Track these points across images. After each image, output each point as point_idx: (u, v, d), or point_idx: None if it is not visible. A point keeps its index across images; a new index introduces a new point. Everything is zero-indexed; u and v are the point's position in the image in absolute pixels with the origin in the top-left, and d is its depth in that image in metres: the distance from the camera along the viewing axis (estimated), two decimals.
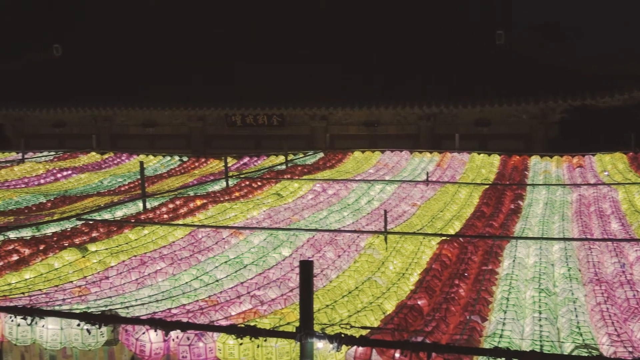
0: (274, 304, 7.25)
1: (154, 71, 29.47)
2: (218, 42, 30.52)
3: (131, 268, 8.58)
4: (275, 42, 29.86)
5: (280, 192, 13.98)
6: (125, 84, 29.10)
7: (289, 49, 29.24)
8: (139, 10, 33.61)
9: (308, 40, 29.46)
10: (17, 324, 6.11)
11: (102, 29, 33.38)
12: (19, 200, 14.57)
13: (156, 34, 31.77)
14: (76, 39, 33.03)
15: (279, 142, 24.62)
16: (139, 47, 31.09)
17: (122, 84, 29.17)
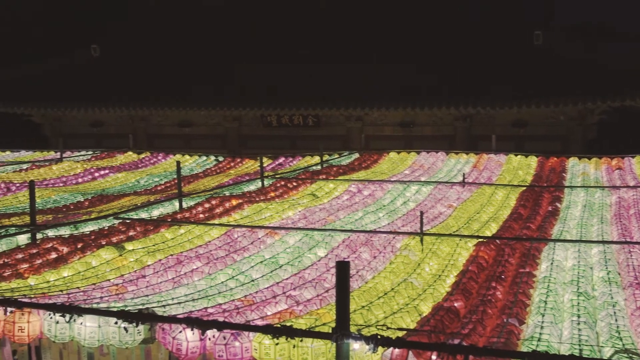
0: (309, 305, 7.24)
1: (191, 71, 29.65)
2: (254, 42, 30.62)
3: (167, 267, 8.63)
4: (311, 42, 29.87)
5: (316, 192, 13.97)
6: (162, 84, 29.31)
7: (325, 48, 29.23)
8: (176, 11, 33.85)
9: (344, 40, 29.44)
10: (56, 321, 6.17)
11: (139, 29, 33.67)
12: (57, 198, 14.74)
13: (193, 33, 31.97)
14: (114, 40, 33.36)
15: (314, 143, 24.62)
16: (176, 47, 31.31)
17: (159, 84, 29.38)
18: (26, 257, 8.95)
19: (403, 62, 27.52)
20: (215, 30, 31.87)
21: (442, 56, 27.54)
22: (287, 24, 31.35)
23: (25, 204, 14.05)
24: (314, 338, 5.64)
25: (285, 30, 31.04)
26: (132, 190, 16.26)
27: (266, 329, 5.71)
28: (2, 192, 15.39)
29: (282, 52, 29.62)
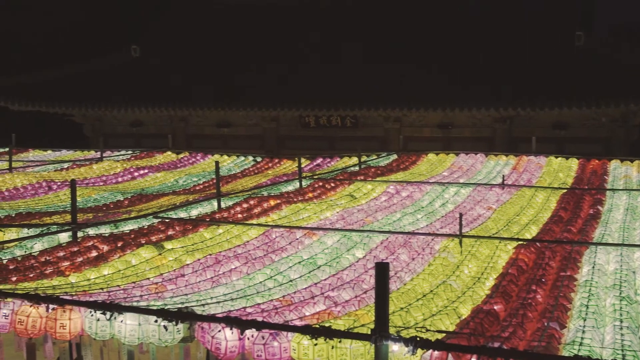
0: (347, 306, 7.22)
1: (229, 71, 29.80)
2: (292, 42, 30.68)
3: (206, 266, 8.67)
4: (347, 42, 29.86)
5: (354, 193, 13.95)
6: (201, 84, 29.51)
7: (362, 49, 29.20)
8: (215, 11, 34.04)
9: (380, 41, 29.38)
10: (97, 319, 6.22)
11: (179, 29, 33.94)
12: (97, 197, 14.89)
13: (231, 34, 32.13)
14: (154, 40, 33.66)
15: (352, 144, 24.68)
16: (214, 47, 31.49)
17: (198, 83, 29.58)
18: (67, 255, 9.06)
19: (442, 62, 27.40)
20: (254, 30, 32.00)
21: (482, 57, 27.35)
22: (328, 24, 31.38)
23: (66, 203, 14.23)
24: (353, 339, 5.62)
25: (324, 30, 31.06)
26: (171, 189, 16.37)
27: (305, 329, 5.70)
28: (44, 191, 15.60)
29: (321, 52, 29.65)
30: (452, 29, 29.22)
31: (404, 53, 28.31)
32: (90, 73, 31.93)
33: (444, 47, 28.30)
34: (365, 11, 31.61)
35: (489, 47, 27.79)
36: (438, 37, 28.91)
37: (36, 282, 7.77)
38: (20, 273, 8.14)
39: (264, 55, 30.21)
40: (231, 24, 32.85)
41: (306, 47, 30.23)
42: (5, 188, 15.68)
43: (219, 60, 30.62)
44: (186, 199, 13.99)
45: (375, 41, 29.48)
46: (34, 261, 8.72)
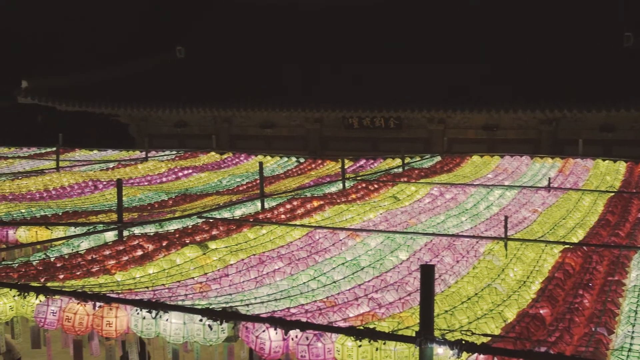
0: (391, 308, 7.18)
1: (272, 72, 29.91)
2: (334, 42, 30.70)
3: (250, 266, 8.69)
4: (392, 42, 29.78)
5: (397, 195, 13.89)
6: (245, 84, 29.66)
7: (406, 49, 29.08)
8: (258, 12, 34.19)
9: (425, 41, 29.24)
10: (143, 317, 6.27)
11: (223, 30, 34.16)
12: (142, 197, 15.04)
13: (275, 34, 32.25)
14: (198, 41, 33.94)
15: (395, 145, 24.56)
16: (259, 48, 31.63)
17: (242, 85, 29.74)
18: (113, 253, 9.16)
19: (487, 63, 27.16)
20: (297, 30, 32.08)
21: (528, 57, 27.07)
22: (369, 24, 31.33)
23: (111, 202, 14.40)
24: (398, 341, 5.59)
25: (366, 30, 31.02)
26: (215, 190, 16.46)
27: (349, 331, 5.69)
28: (90, 190, 15.80)
29: (365, 52, 29.60)
30: (497, 29, 28.96)
31: (450, 53, 28.14)
32: (135, 74, 32.30)
33: (489, 47, 28.05)
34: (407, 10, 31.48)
35: (535, 48, 27.48)
36: (483, 37, 28.67)
37: (83, 280, 7.86)
38: (67, 271, 8.24)
39: (307, 56, 30.26)
40: (275, 24, 32.97)
41: (349, 47, 30.20)
42: (53, 187, 15.92)
43: (263, 61, 30.75)
44: (230, 199, 14.05)
45: (417, 41, 29.34)
46: (80, 259, 8.83)
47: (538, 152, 22.47)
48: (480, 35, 28.87)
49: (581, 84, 25.28)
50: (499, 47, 28.01)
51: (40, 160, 21.15)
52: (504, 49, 27.83)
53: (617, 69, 25.42)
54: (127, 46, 40.43)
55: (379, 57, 29.17)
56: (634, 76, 24.72)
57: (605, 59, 26.10)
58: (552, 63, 26.57)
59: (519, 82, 26.09)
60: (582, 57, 26.36)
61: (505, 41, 28.22)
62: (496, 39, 28.48)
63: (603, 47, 26.62)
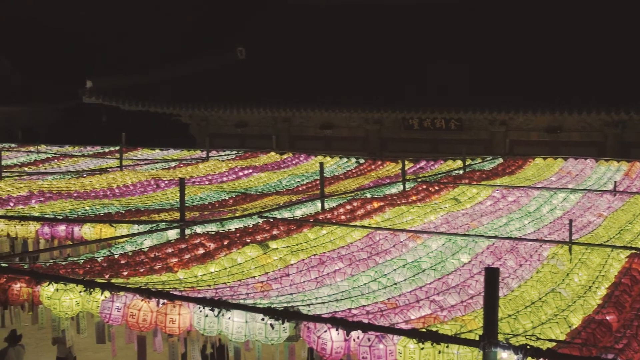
0: (453, 311, 7.11)
1: (333, 73, 29.91)
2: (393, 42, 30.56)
3: (310, 267, 8.70)
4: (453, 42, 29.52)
5: (458, 197, 13.77)
6: (305, 85, 29.72)
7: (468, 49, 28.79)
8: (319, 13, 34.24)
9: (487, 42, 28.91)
10: (205, 315, 6.32)
11: (283, 31, 34.30)
12: (203, 196, 15.20)
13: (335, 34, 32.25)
14: (259, 41, 34.13)
15: (456, 147, 24.34)
16: (319, 49, 31.67)
17: (302, 85, 29.81)
18: (175, 251, 9.26)
19: (550, 63, 26.72)
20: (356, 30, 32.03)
21: (593, 58, 26.53)
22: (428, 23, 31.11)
23: (173, 201, 14.57)
24: (461, 345, 5.52)
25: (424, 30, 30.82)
26: (275, 190, 16.54)
27: (412, 333, 5.64)
28: (152, 189, 16.03)
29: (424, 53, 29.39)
30: (560, 29, 28.48)
31: (512, 53, 27.76)
32: (197, 74, 32.64)
33: (553, 47, 27.60)
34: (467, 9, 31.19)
35: (599, 48, 26.93)
36: (546, 37, 28.23)
37: (146, 277, 7.96)
38: (131, 268, 8.36)
39: (366, 57, 30.19)
40: (336, 25, 32.97)
41: (408, 47, 30.04)
42: (116, 185, 16.20)
43: (323, 62, 30.77)
44: (290, 200, 14.10)
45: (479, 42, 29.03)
46: (144, 257, 8.95)
47: (603, 155, 22.06)
48: (542, 35, 28.42)
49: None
50: (563, 46, 27.52)
51: (104, 159, 21.54)
52: (568, 48, 27.33)
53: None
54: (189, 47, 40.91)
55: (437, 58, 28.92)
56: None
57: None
58: (618, 63, 26.00)
59: (584, 83, 25.56)
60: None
61: (569, 41, 27.72)
62: (560, 39, 28.00)
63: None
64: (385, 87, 28.18)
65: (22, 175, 17.61)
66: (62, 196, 14.61)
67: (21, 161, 21.70)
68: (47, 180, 16.38)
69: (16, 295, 7.33)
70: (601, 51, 26.79)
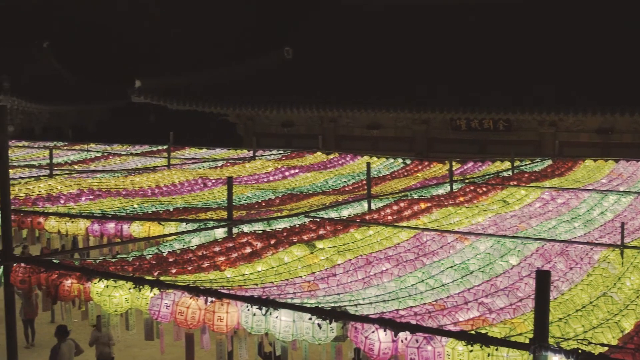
0: (502, 313, 7.02)
1: (380, 72, 29.84)
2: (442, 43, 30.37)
3: (357, 267, 8.66)
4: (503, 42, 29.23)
5: (506, 198, 13.60)
6: (351, 85, 29.69)
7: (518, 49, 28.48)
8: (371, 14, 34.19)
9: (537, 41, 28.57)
10: (253, 314, 6.33)
11: (329, 31, 34.33)
12: (250, 195, 15.26)
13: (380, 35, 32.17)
14: (306, 42, 34.21)
15: (504, 148, 24.08)
16: (366, 49, 31.63)
17: (349, 85, 29.78)
18: (223, 250, 9.30)
19: (601, 63, 26.30)
20: (403, 32, 31.91)
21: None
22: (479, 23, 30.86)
23: (220, 200, 14.66)
24: (510, 348, 5.44)
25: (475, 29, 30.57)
26: (321, 189, 16.54)
27: (461, 335, 5.58)
28: (199, 188, 16.14)
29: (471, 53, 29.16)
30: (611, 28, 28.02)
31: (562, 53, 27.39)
32: (244, 74, 32.84)
33: (605, 47, 27.16)
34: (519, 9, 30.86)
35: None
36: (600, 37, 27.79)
37: (194, 275, 8.00)
38: (179, 266, 8.42)
39: (414, 57, 30.06)
40: (383, 25, 32.89)
41: (455, 47, 29.84)
42: (164, 184, 16.35)
43: (369, 62, 30.72)
44: (336, 200, 14.08)
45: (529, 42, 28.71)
46: (191, 255, 9.01)
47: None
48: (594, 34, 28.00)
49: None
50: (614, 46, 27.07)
51: (152, 157, 21.78)
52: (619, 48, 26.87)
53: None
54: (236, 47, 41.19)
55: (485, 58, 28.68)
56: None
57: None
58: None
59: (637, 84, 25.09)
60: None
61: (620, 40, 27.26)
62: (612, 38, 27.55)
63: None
64: (433, 87, 28.00)
65: (72, 173, 17.88)
66: (111, 194, 14.80)
67: (71, 159, 22.05)
68: (96, 179, 16.60)
69: (67, 291, 7.42)
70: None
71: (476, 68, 28.26)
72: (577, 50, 27.53)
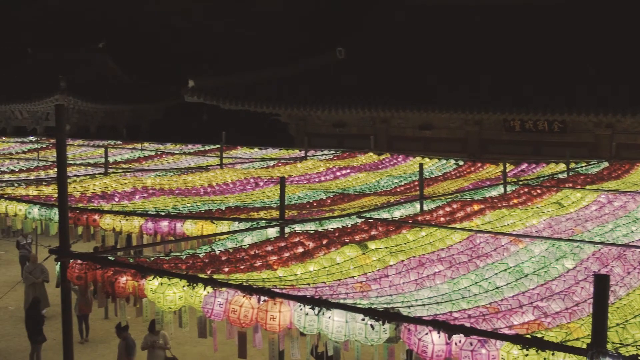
0: (558, 317, 6.89)
1: (432, 73, 29.65)
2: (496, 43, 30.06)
3: (410, 268, 8.61)
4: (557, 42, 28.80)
5: (562, 201, 13.39)
6: (404, 85, 29.55)
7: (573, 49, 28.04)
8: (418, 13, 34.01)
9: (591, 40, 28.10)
10: (306, 313, 6.32)
11: (382, 31, 34.24)
12: (301, 195, 15.29)
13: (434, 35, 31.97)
14: (358, 42, 34.17)
15: (559, 150, 23.75)
16: (418, 49, 31.46)
17: (401, 85, 29.65)
18: (275, 249, 9.32)
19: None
20: (458, 31, 31.66)
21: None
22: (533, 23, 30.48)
23: (271, 199, 14.72)
24: (567, 353, 5.34)
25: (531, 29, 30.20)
26: (372, 190, 16.50)
27: (517, 339, 5.49)
28: (251, 187, 16.22)
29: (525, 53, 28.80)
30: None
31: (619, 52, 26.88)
32: (297, 74, 32.92)
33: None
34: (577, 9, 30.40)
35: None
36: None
37: (247, 274, 8.04)
38: (232, 264, 8.46)
39: (468, 57, 29.80)
40: (435, 25, 32.70)
41: (507, 47, 29.50)
42: (216, 183, 16.48)
43: (423, 62, 30.55)
44: (388, 200, 14.03)
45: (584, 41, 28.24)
46: (244, 254, 9.05)
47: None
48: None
49: None
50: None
51: (205, 157, 21.97)
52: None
53: None
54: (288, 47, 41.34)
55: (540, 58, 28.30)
56: None
57: None
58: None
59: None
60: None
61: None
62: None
63: None
64: (486, 87, 27.72)
65: (126, 171, 18.14)
66: (165, 193, 14.96)
67: (125, 158, 22.36)
68: (150, 177, 16.80)
69: (122, 288, 7.52)
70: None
71: (530, 68, 27.90)
72: (635, 49, 26.99)
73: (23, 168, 19.68)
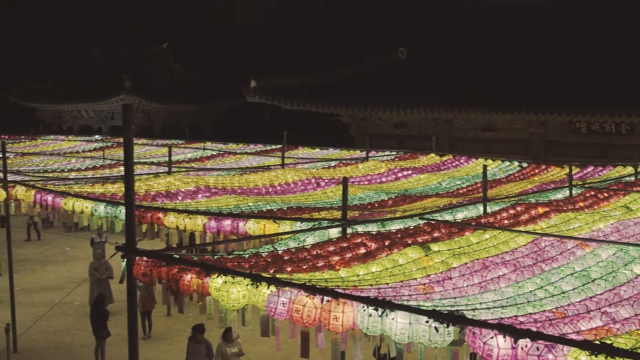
0: (627, 324, 6.73)
1: (495, 73, 29.28)
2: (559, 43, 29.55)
3: (473, 271, 8.51)
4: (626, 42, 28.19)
5: (630, 205, 13.09)
6: (466, 86, 29.25)
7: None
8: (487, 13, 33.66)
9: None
10: (369, 314, 6.30)
11: (444, 31, 34.00)
12: (362, 196, 15.26)
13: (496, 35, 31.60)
14: (420, 42, 33.98)
15: (627, 152, 23.20)
16: (479, 48, 31.14)
17: (463, 86, 29.36)
18: (337, 250, 9.31)
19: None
20: (520, 31, 31.23)
21: None
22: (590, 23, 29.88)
23: (332, 199, 14.72)
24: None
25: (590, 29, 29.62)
26: (434, 192, 16.37)
27: (585, 345, 5.38)
28: (312, 187, 16.25)
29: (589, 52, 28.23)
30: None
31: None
32: (358, 75, 32.88)
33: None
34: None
35: None
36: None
37: (309, 274, 8.05)
38: (294, 264, 8.49)
39: (531, 57, 29.35)
40: (498, 26, 32.30)
41: (572, 46, 28.96)
42: (278, 182, 16.56)
43: (484, 62, 30.20)
44: (450, 202, 13.91)
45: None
46: (306, 254, 9.06)
47: None
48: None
49: None
50: None
51: (266, 156, 22.11)
52: None
53: None
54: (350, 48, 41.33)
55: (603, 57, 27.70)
56: None
57: None
58: None
59: None
60: None
61: None
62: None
63: None
64: (551, 87, 27.23)
65: (189, 170, 18.37)
66: (227, 192, 15.09)
67: (188, 157, 22.66)
68: (212, 176, 16.98)
69: (187, 285, 7.60)
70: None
71: (597, 68, 27.32)
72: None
73: (89, 166, 20.10)
